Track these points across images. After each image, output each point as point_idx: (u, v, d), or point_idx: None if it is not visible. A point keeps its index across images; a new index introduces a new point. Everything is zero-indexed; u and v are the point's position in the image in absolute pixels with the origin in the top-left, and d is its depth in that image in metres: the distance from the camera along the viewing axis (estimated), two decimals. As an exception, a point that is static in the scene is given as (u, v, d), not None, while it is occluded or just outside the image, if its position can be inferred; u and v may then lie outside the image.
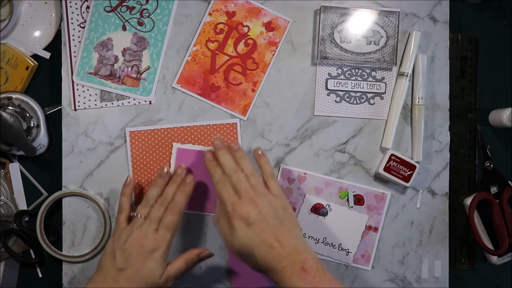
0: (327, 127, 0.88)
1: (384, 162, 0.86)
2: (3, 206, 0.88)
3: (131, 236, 0.77)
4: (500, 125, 0.90)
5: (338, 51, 0.87)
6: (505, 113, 0.88)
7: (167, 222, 0.79)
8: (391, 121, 0.88)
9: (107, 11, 0.86)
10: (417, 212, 0.89)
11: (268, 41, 0.88)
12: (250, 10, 0.88)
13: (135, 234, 0.77)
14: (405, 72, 0.88)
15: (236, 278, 0.86)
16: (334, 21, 0.87)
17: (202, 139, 0.86)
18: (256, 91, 0.88)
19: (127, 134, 0.86)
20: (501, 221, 0.88)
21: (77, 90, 0.86)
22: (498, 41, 0.93)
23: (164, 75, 0.87)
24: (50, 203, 0.85)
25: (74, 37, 0.86)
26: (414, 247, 0.89)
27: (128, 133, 0.86)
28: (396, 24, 0.87)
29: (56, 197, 0.85)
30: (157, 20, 0.87)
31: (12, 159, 0.88)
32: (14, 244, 0.87)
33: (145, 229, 0.78)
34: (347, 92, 0.88)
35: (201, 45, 0.87)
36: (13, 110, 0.84)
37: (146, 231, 0.78)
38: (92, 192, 0.86)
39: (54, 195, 0.85)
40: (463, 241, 0.91)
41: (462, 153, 0.91)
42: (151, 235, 0.77)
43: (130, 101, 0.87)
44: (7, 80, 0.87)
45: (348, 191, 0.88)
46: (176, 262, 0.79)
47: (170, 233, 0.78)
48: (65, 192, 0.85)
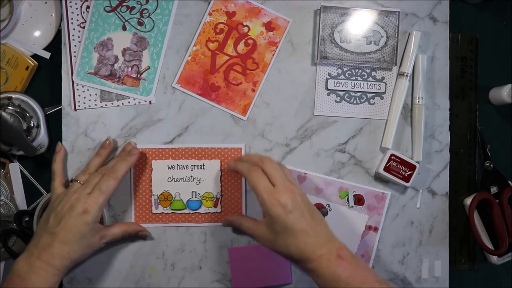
0: (327, 127, 0.88)
1: (384, 162, 0.86)
2: (3, 206, 0.88)
3: (64, 199, 0.78)
4: (500, 102, 0.90)
5: (338, 51, 0.87)
6: (505, 90, 0.88)
7: (102, 185, 0.79)
8: (391, 121, 0.88)
9: (107, 11, 0.86)
10: (417, 212, 0.89)
11: (268, 41, 0.88)
12: (250, 10, 0.88)
13: (68, 197, 0.78)
14: (405, 72, 0.88)
15: (236, 278, 0.86)
16: (334, 21, 0.87)
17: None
18: (256, 91, 0.88)
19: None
20: (501, 221, 0.88)
21: (77, 90, 0.86)
22: (498, 41, 0.93)
23: (164, 75, 0.87)
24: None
25: (74, 37, 0.86)
26: (414, 247, 0.89)
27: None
28: (396, 24, 0.87)
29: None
30: (157, 20, 0.87)
31: (12, 159, 0.88)
32: (14, 244, 0.87)
33: (79, 192, 0.78)
34: (347, 92, 0.88)
35: (201, 45, 0.87)
36: (13, 110, 0.84)
37: (79, 193, 0.78)
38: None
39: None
40: (463, 241, 0.91)
41: (462, 153, 0.91)
42: (83, 198, 0.77)
43: (130, 101, 0.87)
44: (7, 80, 0.87)
45: (348, 191, 0.88)
46: (114, 228, 0.82)
47: (103, 197, 0.78)
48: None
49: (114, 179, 0.79)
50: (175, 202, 0.87)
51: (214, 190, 0.87)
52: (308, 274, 0.76)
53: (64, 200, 0.78)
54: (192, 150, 0.87)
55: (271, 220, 0.75)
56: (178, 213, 0.87)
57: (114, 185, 0.79)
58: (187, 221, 0.87)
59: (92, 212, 0.77)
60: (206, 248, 0.87)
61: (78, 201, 0.77)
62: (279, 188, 0.75)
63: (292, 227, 0.74)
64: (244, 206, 0.87)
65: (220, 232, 0.87)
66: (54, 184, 0.82)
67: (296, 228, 0.74)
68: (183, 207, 0.87)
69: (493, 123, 0.92)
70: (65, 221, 0.76)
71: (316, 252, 0.74)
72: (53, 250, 0.75)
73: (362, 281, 0.72)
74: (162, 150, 0.87)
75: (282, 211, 0.74)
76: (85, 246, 0.77)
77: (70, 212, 0.76)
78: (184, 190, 0.87)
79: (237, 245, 0.87)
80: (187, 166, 0.87)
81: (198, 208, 0.87)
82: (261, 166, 0.78)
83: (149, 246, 0.87)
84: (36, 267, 0.74)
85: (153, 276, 0.87)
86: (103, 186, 0.78)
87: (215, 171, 0.87)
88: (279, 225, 0.74)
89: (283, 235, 0.75)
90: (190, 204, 0.87)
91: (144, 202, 0.87)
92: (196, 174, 0.87)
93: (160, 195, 0.87)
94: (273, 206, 0.74)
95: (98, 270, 0.86)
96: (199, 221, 0.87)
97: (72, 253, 0.76)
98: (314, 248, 0.74)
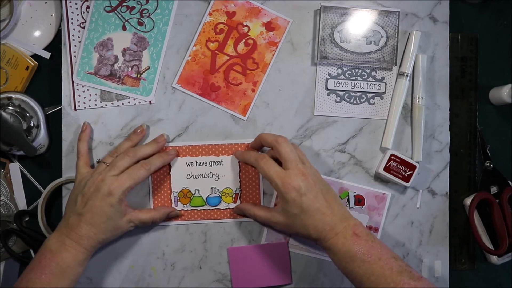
0: (327, 127, 0.88)
1: (384, 162, 0.86)
2: (3, 206, 0.88)
3: (90, 179, 0.78)
4: (500, 102, 0.90)
5: (338, 51, 0.87)
6: (505, 90, 0.88)
7: (132, 170, 0.79)
8: (391, 121, 0.88)
9: (107, 11, 0.86)
10: (417, 212, 0.89)
11: (268, 41, 0.88)
12: (250, 10, 0.88)
13: (94, 177, 0.78)
14: (405, 72, 0.88)
15: (236, 278, 0.86)
16: (334, 21, 0.87)
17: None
18: (256, 91, 0.88)
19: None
20: (501, 221, 0.88)
21: (77, 90, 0.86)
22: (498, 41, 0.93)
23: (164, 75, 0.87)
24: (53, 188, 0.85)
25: (74, 37, 0.86)
26: (414, 247, 0.89)
27: None
28: (396, 24, 0.87)
29: (58, 184, 0.85)
30: (157, 20, 0.87)
31: (12, 159, 0.88)
32: (14, 244, 0.87)
33: (104, 173, 0.78)
34: (347, 92, 0.88)
35: (201, 45, 0.87)
36: (13, 110, 0.84)
37: (105, 175, 0.78)
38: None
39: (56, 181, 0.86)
40: (463, 241, 0.91)
41: (462, 153, 0.91)
42: (109, 179, 0.78)
43: (130, 101, 0.87)
44: (7, 80, 0.87)
45: (348, 192, 0.88)
46: (142, 214, 0.82)
47: (130, 182, 0.78)
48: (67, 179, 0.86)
49: (146, 170, 0.80)
50: (194, 198, 0.87)
51: (233, 186, 0.87)
52: (326, 252, 0.78)
53: (90, 181, 0.78)
54: (209, 147, 0.87)
55: (286, 204, 0.77)
56: (198, 210, 0.87)
57: (145, 175, 0.80)
58: (207, 218, 0.87)
59: (116, 194, 0.77)
60: (206, 248, 0.87)
61: (103, 183, 0.77)
62: (290, 172, 0.77)
63: (308, 208, 0.76)
64: (263, 201, 0.87)
65: (220, 232, 0.87)
66: (79, 164, 0.82)
67: (312, 209, 0.76)
68: (202, 204, 0.87)
69: (493, 123, 0.92)
70: (91, 203, 0.77)
71: (332, 230, 0.76)
72: (81, 231, 0.76)
73: (378, 257, 0.74)
74: (180, 147, 0.87)
75: (296, 195, 0.76)
76: (112, 227, 0.78)
77: (96, 193, 0.77)
78: (203, 187, 0.87)
79: (237, 245, 0.87)
80: (205, 162, 0.87)
81: (217, 204, 0.87)
82: (275, 149, 0.79)
83: (149, 246, 0.87)
84: (66, 245, 0.76)
85: (153, 276, 0.87)
86: (133, 173, 0.79)
87: (234, 166, 0.87)
88: (295, 208, 0.76)
89: (300, 217, 0.76)
90: (210, 200, 0.87)
91: (163, 200, 0.87)
92: (215, 170, 0.87)
93: (179, 192, 0.87)
94: (288, 191, 0.76)
95: (98, 270, 0.86)
96: (218, 217, 0.87)
97: (99, 234, 0.77)
98: (330, 226, 0.76)
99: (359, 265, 0.74)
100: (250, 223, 0.87)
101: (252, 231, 0.87)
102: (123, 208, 0.79)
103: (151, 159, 0.82)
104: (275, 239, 0.87)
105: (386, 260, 0.74)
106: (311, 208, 0.76)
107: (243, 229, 0.87)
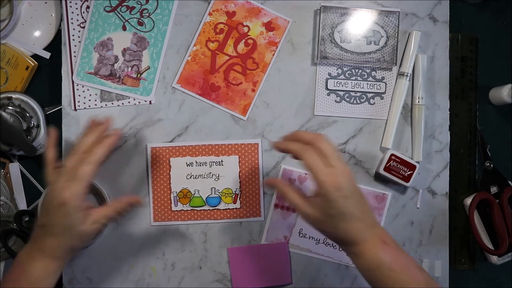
0: (327, 127, 0.88)
1: (384, 162, 0.86)
2: (3, 206, 0.88)
3: (49, 188, 0.75)
4: (500, 102, 0.90)
5: (338, 51, 0.87)
6: (505, 90, 0.88)
7: (78, 173, 0.73)
8: (391, 121, 0.88)
9: (107, 11, 0.86)
10: (417, 212, 0.89)
11: (268, 41, 0.88)
12: (250, 10, 0.88)
13: (52, 187, 0.74)
14: (405, 72, 0.88)
15: (236, 278, 0.86)
16: (334, 21, 0.87)
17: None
18: (256, 91, 0.88)
19: (148, 150, 0.86)
20: (501, 221, 0.88)
21: (77, 90, 0.86)
22: (498, 41, 0.93)
23: (164, 75, 0.87)
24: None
25: (74, 37, 0.86)
26: (414, 247, 0.89)
27: (150, 149, 0.86)
28: (396, 24, 0.87)
29: None
30: (157, 20, 0.87)
31: (12, 159, 0.88)
32: (14, 244, 0.87)
33: (59, 181, 0.73)
34: (347, 92, 0.88)
35: (201, 45, 0.87)
36: (13, 110, 0.84)
37: (59, 183, 0.73)
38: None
39: None
40: (463, 241, 0.91)
41: (462, 153, 0.91)
42: (60, 188, 0.73)
43: (130, 101, 0.87)
44: (7, 80, 0.87)
45: (348, 191, 0.88)
46: (103, 210, 0.76)
47: (79, 185, 0.72)
48: None
49: (90, 163, 0.73)
50: (194, 199, 0.87)
51: (233, 186, 0.87)
52: (350, 257, 0.75)
53: (49, 191, 0.74)
54: (209, 147, 0.87)
55: (326, 203, 0.73)
56: (198, 210, 0.87)
57: (92, 170, 0.73)
58: (207, 218, 0.87)
59: (70, 203, 0.72)
60: (206, 248, 0.87)
61: (55, 193, 0.73)
62: (337, 170, 0.73)
63: (346, 212, 0.72)
64: (263, 201, 0.87)
65: (220, 232, 0.87)
66: (45, 172, 0.77)
67: (350, 213, 0.73)
68: (202, 204, 0.87)
69: (493, 123, 0.92)
70: (48, 214, 0.73)
71: (362, 236, 0.73)
72: (45, 242, 0.73)
73: (404, 266, 0.72)
74: (180, 147, 0.87)
75: (340, 196, 0.72)
76: (76, 235, 0.74)
77: (52, 203, 0.73)
78: (203, 187, 0.87)
79: (237, 245, 0.87)
80: (205, 162, 0.87)
81: (217, 204, 0.87)
82: (316, 145, 0.74)
83: (149, 246, 0.87)
84: (34, 257, 0.73)
85: (153, 276, 0.87)
86: (79, 174, 0.73)
87: (234, 167, 0.87)
88: (335, 209, 0.72)
89: (336, 219, 0.73)
90: (210, 201, 0.87)
91: (163, 200, 0.87)
92: (215, 170, 0.87)
93: (179, 192, 0.87)
94: (332, 189, 0.72)
95: (98, 270, 0.86)
96: (218, 217, 0.87)
97: (64, 244, 0.73)
98: (361, 232, 0.73)
99: (385, 273, 0.72)
100: (250, 223, 0.87)
101: (252, 231, 0.87)
102: (81, 214, 0.73)
103: (95, 150, 0.75)
104: (275, 239, 0.87)
105: (411, 269, 0.73)
106: (349, 212, 0.72)
107: (243, 229, 0.87)
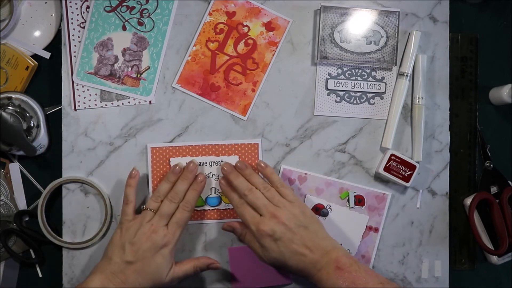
0: (327, 127, 0.88)
1: (384, 162, 0.86)
2: (3, 206, 0.88)
3: (140, 229, 0.78)
4: (500, 102, 0.90)
5: (338, 51, 0.87)
6: (505, 90, 0.89)
7: (178, 218, 0.80)
8: (391, 121, 0.88)
9: (107, 11, 0.86)
10: (417, 212, 0.89)
11: (268, 41, 0.88)
12: (250, 10, 0.88)
13: (145, 228, 0.78)
14: (405, 72, 0.88)
15: (236, 278, 0.86)
16: (334, 21, 0.87)
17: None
18: (256, 91, 0.88)
19: (148, 150, 0.86)
20: (501, 221, 0.88)
21: (77, 90, 0.86)
22: (498, 41, 0.93)
23: (164, 75, 0.87)
24: (53, 188, 0.85)
25: (74, 37, 0.86)
26: (414, 247, 0.89)
27: (150, 149, 0.86)
28: (396, 24, 0.87)
29: (58, 184, 0.85)
30: (157, 20, 0.87)
31: (12, 159, 0.88)
32: (14, 244, 0.87)
33: (156, 224, 0.79)
34: (347, 92, 0.88)
35: (201, 45, 0.87)
36: (13, 110, 0.84)
37: (156, 226, 0.78)
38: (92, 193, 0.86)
39: (56, 181, 0.85)
40: (463, 241, 0.91)
41: (462, 153, 0.91)
42: (161, 231, 0.78)
43: (130, 101, 0.87)
44: (7, 80, 0.87)
45: (348, 192, 0.88)
46: (184, 265, 0.81)
47: (180, 230, 0.80)
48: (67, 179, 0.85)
49: (188, 211, 0.81)
50: None
51: None
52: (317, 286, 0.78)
53: (140, 231, 0.78)
54: (209, 147, 0.87)
55: (264, 249, 0.78)
56: (198, 210, 0.87)
57: (189, 216, 0.81)
58: (207, 218, 0.87)
59: (170, 245, 0.78)
60: (206, 248, 0.87)
61: (156, 234, 0.78)
62: (264, 218, 0.78)
63: (284, 252, 0.77)
64: None
65: (220, 232, 0.87)
66: (126, 210, 0.81)
67: (289, 252, 0.77)
68: (202, 204, 0.87)
69: (493, 123, 0.92)
70: (142, 254, 0.77)
71: (315, 267, 0.76)
72: (128, 278, 0.76)
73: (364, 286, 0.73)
74: (180, 147, 0.87)
75: (271, 240, 0.77)
76: (157, 279, 0.78)
77: (149, 244, 0.77)
78: None
79: (237, 245, 0.87)
80: (205, 162, 0.87)
81: (217, 204, 0.87)
82: (246, 199, 0.80)
83: (149, 246, 0.87)
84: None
85: (153, 276, 0.87)
86: (180, 220, 0.80)
87: None
88: (273, 252, 0.78)
89: (280, 259, 0.78)
90: (210, 201, 0.87)
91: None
92: (215, 170, 0.87)
93: None
94: (262, 237, 0.78)
95: (98, 270, 0.86)
96: (218, 217, 0.87)
97: (144, 284, 0.77)
98: (312, 264, 0.76)
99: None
100: (250, 223, 0.87)
101: (252, 231, 0.87)
102: (172, 258, 0.79)
103: (188, 197, 0.82)
104: (275, 239, 0.87)
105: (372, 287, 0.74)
106: (287, 251, 0.77)
107: (243, 229, 0.87)
